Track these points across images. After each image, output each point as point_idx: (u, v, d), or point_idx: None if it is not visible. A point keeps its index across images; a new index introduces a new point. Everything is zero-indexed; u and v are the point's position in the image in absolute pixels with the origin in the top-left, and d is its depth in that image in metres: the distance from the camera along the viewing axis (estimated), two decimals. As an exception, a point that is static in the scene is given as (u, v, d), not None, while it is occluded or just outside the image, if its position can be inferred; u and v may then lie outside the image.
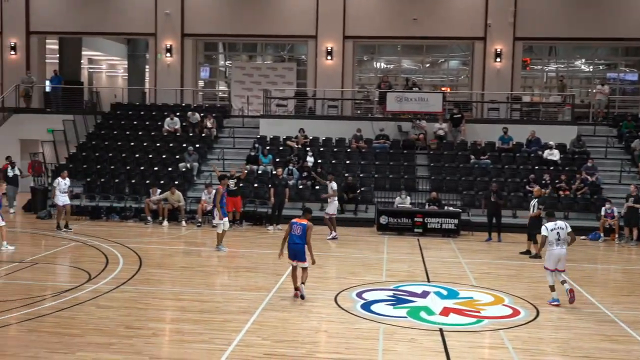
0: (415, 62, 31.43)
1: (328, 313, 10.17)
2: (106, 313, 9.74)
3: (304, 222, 10.87)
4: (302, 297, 10.72)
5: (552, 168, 21.43)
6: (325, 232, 17.27)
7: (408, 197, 19.57)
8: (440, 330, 9.39)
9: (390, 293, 11.61)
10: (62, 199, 17.75)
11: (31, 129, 26.08)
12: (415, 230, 18.37)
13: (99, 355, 7.95)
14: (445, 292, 11.70)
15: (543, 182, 20.20)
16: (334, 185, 18.15)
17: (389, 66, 31.72)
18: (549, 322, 10.00)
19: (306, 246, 10.72)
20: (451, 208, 19.06)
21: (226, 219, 15.57)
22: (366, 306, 10.59)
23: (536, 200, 15.96)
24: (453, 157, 22.80)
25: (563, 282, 10.92)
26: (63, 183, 17.92)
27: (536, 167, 21.65)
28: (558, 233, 10.98)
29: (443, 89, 29.96)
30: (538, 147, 22.63)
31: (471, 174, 21.77)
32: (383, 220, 18.51)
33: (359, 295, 11.30)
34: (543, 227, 11.25)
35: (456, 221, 18.23)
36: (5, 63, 28.47)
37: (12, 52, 28.45)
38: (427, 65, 31.40)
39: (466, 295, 11.59)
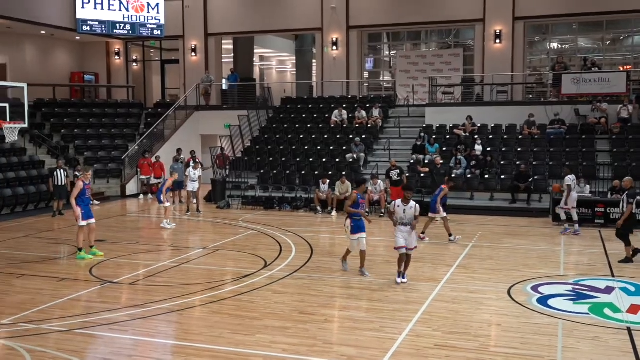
0: (594, 40, 29.18)
1: (501, 306, 9.79)
2: (281, 298, 10.16)
3: (444, 187, 15.19)
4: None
5: None
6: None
7: (587, 186, 18.28)
8: (628, 329, 8.64)
9: (570, 287, 10.91)
10: (192, 186, 20.16)
11: (210, 124, 28.03)
12: (596, 221, 17.11)
13: (275, 338, 8.31)
14: (632, 289, 10.76)
15: None
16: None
17: (563, 46, 29.75)
18: None
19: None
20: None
21: (360, 235, 11.68)
22: (543, 300, 10.04)
23: (626, 194, 13.19)
24: (639, 141, 20.88)
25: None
26: (193, 172, 20.13)
27: None
28: (574, 181, 16.32)
29: (626, 67, 27.53)
30: None
31: (661, 160, 19.83)
32: (559, 210, 17.46)
33: (535, 288, 10.75)
34: (567, 177, 16.24)
35: (644, 211, 16.67)
36: (187, 64, 30.76)
37: (193, 54, 30.65)
38: (608, 42, 29.00)
39: (658, 292, 10.58)
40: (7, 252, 13.89)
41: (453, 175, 19.82)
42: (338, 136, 24.13)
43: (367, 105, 25.35)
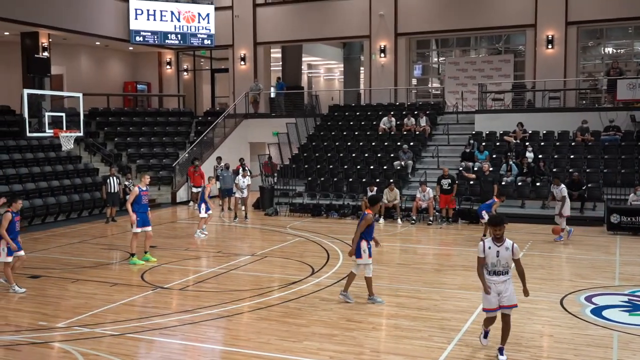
0: (651, 44, 28.32)
1: (553, 317, 9.55)
2: (329, 305, 10.16)
3: (497, 199, 15.72)
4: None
5: None
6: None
7: (644, 194, 17.71)
8: (688, 342, 8.33)
9: (625, 298, 10.57)
10: (244, 193, 20.41)
11: (258, 132, 28.34)
12: (654, 230, 16.58)
13: (323, 345, 8.31)
14: (692, 300, 10.37)
15: None
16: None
17: (618, 51, 28.98)
18: None
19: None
20: (698, 206, 16.87)
21: (370, 260, 10.22)
22: (597, 311, 9.76)
23: None
24: (699, 148, 20.15)
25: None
26: (242, 181, 20.32)
27: None
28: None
29: (685, 72, 26.59)
30: None
31: None
32: (614, 219, 16.97)
33: (589, 299, 10.46)
34: (563, 188, 15.97)
35: None
36: (237, 73, 31.18)
37: (242, 63, 31.06)
38: (666, 46, 28.10)
39: None
40: (62, 258, 14.31)
41: (503, 183, 19.52)
42: (386, 143, 24.04)
43: (415, 113, 25.19)
